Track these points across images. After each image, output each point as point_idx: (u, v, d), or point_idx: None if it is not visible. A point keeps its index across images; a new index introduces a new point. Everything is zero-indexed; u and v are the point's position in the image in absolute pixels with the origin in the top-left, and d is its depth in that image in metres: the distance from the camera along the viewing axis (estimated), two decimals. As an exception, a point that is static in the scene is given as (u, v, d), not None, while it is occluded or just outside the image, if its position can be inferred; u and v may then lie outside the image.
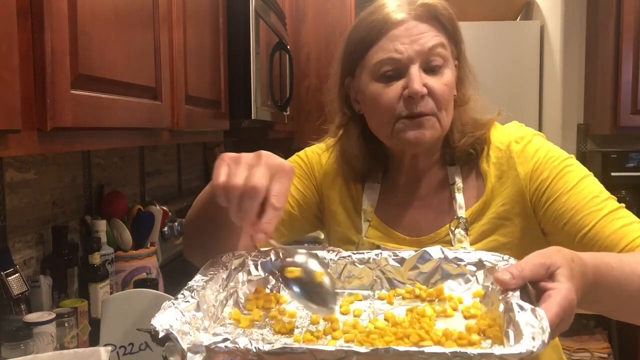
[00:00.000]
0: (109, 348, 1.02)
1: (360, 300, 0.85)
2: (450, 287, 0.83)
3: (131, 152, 1.87)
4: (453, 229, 1.01)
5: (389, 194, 1.10)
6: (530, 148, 1.00)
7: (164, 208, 1.82)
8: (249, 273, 0.87)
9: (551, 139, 1.06)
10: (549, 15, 3.50)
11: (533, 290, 0.69)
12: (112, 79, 1.00)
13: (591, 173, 0.99)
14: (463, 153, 1.04)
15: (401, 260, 0.87)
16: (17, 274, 1.15)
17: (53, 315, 1.18)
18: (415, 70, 0.97)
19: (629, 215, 0.94)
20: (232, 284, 0.83)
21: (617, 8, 2.88)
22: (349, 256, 0.88)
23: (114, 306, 1.18)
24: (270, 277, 0.87)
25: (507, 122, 1.10)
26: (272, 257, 0.87)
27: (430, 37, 0.98)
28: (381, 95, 0.99)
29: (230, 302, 0.81)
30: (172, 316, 0.64)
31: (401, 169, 1.09)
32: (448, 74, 1.00)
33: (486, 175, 1.02)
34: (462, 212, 1.01)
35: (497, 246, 1.00)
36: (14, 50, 0.74)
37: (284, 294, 0.86)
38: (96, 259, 1.41)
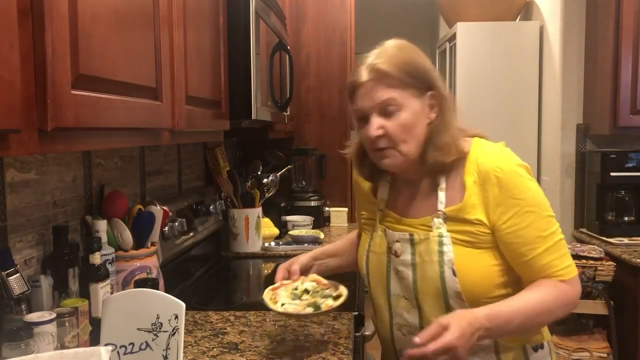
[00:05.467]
0: (110, 348, 1.02)
1: None
2: None
3: (131, 152, 1.88)
4: (433, 218, 1.30)
5: (395, 190, 1.42)
6: (505, 182, 1.24)
7: (165, 208, 1.82)
8: None
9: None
10: (549, 16, 3.50)
11: None
12: (113, 79, 1.01)
13: (545, 206, 1.25)
14: (437, 167, 1.28)
15: None
16: (17, 274, 1.15)
17: (54, 315, 1.18)
18: (373, 118, 1.26)
19: (560, 249, 1.25)
20: None
21: (617, 9, 2.88)
22: None
23: (115, 306, 1.18)
24: None
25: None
26: None
27: (382, 94, 1.25)
28: (360, 133, 1.33)
29: None
30: None
31: (400, 176, 1.40)
32: (402, 116, 1.25)
33: (465, 187, 1.27)
34: (442, 207, 1.29)
35: (471, 241, 1.26)
36: (15, 50, 0.74)
37: None
38: (97, 258, 1.41)
